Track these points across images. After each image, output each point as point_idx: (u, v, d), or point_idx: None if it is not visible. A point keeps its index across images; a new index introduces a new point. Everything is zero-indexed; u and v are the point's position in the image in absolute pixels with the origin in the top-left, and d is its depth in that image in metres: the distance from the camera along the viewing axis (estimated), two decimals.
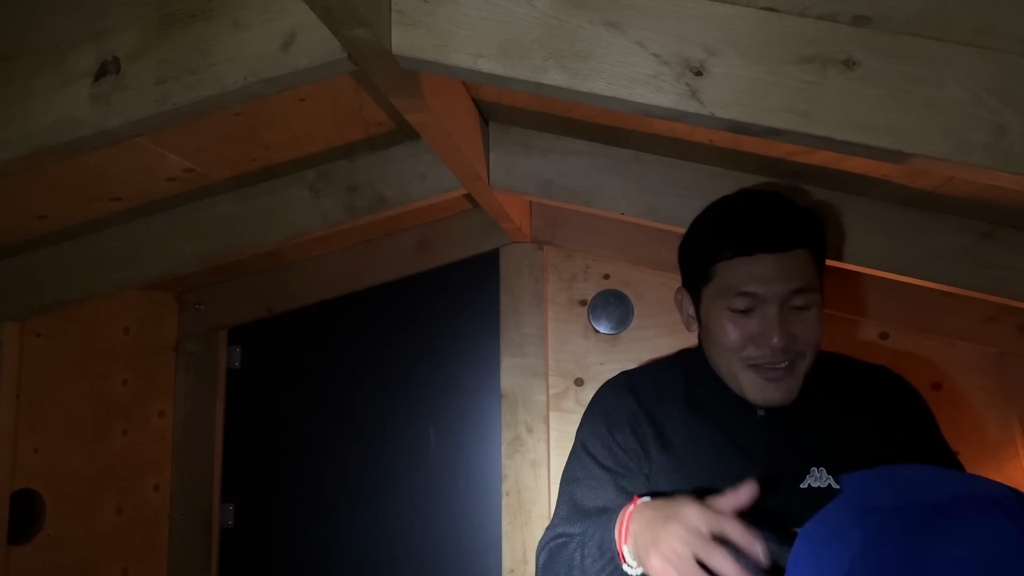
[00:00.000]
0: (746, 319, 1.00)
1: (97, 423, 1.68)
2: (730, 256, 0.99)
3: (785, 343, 0.97)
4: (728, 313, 1.01)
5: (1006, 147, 0.69)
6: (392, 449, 1.96)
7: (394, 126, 1.28)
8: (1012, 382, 1.73)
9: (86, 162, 1.12)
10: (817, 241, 1.02)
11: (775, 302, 0.97)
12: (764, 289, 0.97)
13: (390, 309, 2.00)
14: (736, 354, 1.01)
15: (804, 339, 0.99)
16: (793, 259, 0.98)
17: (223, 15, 0.77)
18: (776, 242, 0.97)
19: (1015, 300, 1.22)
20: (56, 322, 1.56)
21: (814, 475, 1.01)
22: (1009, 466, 1.73)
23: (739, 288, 0.98)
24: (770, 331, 0.97)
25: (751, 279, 0.98)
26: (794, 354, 0.99)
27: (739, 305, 0.99)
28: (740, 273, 0.99)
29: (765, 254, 0.97)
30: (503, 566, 1.84)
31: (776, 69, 0.72)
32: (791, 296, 0.98)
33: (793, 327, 0.98)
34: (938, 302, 1.70)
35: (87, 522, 1.65)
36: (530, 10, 0.73)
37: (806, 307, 0.99)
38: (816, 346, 1.01)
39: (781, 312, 0.98)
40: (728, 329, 1.01)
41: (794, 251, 0.98)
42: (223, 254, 1.39)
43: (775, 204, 1.04)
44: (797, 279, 0.97)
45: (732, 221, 1.03)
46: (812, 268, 1.00)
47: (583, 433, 1.15)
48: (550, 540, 1.07)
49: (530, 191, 1.38)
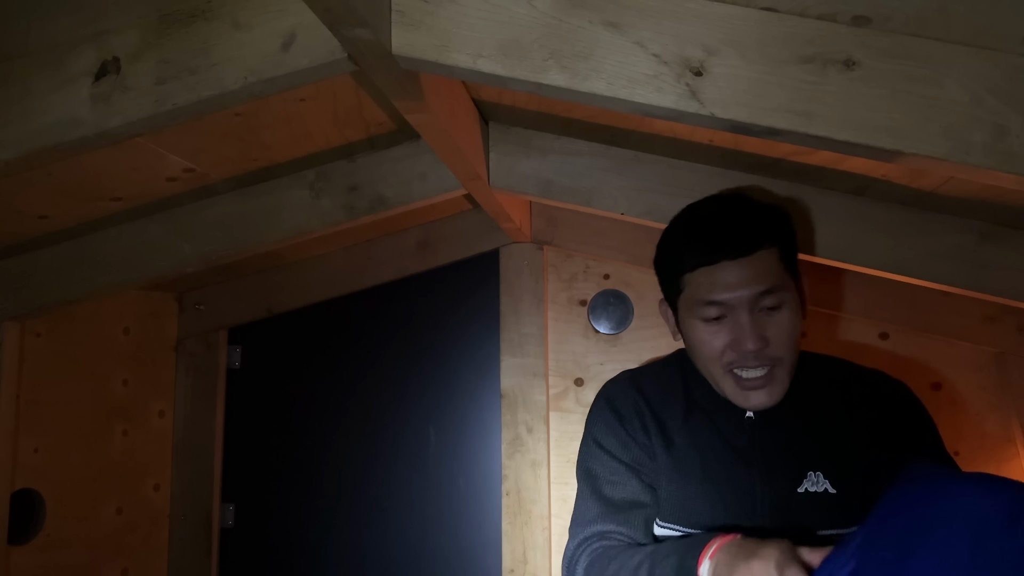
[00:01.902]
0: (719, 327, 1.00)
1: (97, 423, 1.68)
2: (693, 267, 1.00)
3: (759, 346, 0.97)
4: (701, 323, 1.01)
5: (1006, 147, 0.69)
6: (392, 449, 1.96)
7: (394, 126, 1.28)
8: (1012, 382, 1.73)
9: (86, 162, 1.12)
10: (782, 239, 1.01)
11: (744, 307, 0.98)
12: (731, 296, 0.98)
13: (390, 309, 2.00)
14: (717, 361, 1.02)
15: (778, 340, 0.99)
16: (756, 262, 0.97)
17: (223, 15, 0.77)
18: (736, 248, 0.97)
19: (1015, 300, 1.22)
20: (56, 322, 1.56)
21: (811, 479, 1.01)
22: (1009, 466, 1.73)
23: (706, 298, 0.99)
24: (743, 336, 0.98)
25: (716, 287, 0.98)
26: (770, 359, 0.99)
27: (709, 314, 1.00)
28: (706, 283, 0.99)
29: (727, 261, 0.97)
30: (503, 566, 1.84)
31: (776, 69, 0.72)
32: (759, 299, 0.98)
33: (767, 329, 0.98)
34: (938, 302, 1.70)
35: (87, 522, 1.65)
36: (530, 10, 0.73)
37: (777, 307, 0.99)
38: (793, 345, 1.00)
39: (752, 315, 0.98)
40: (703, 339, 1.02)
41: (755, 253, 0.97)
42: (223, 254, 1.39)
43: (734, 208, 1.03)
44: (762, 281, 0.97)
45: (693, 232, 1.03)
46: (779, 267, 0.99)
47: (596, 430, 1.13)
48: (591, 540, 1.04)
49: (530, 191, 1.38)
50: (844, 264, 1.25)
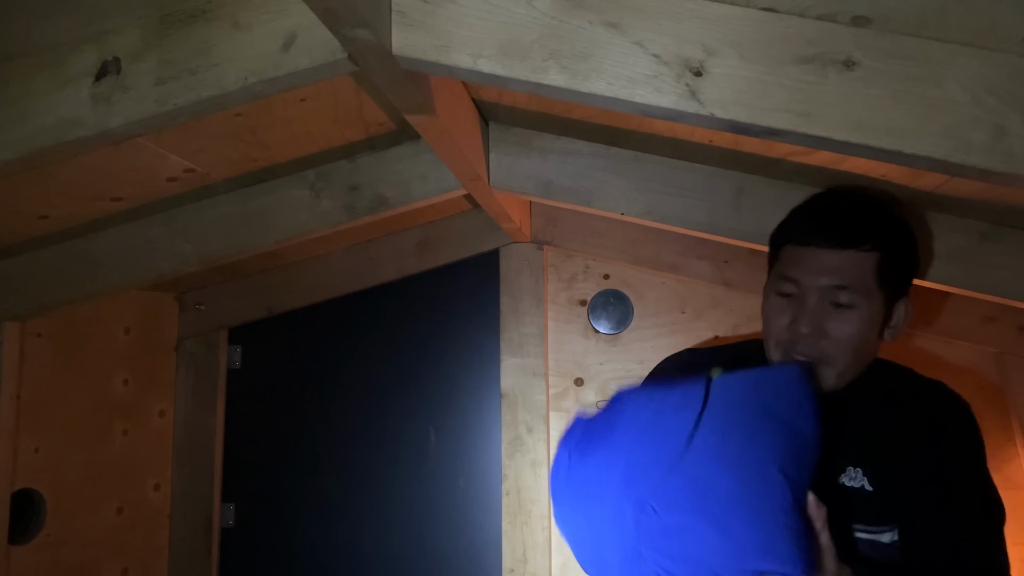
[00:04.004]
0: (787, 304, 1.02)
1: (97, 423, 1.68)
2: (790, 241, 1.04)
3: (811, 332, 0.98)
4: (774, 296, 1.04)
5: (1006, 147, 0.69)
6: (392, 449, 1.96)
7: (394, 126, 1.28)
8: (1012, 382, 1.73)
9: (86, 162, 1.12)
10: (886, 249, 1.00)
11: (815, 293, 0.99)
12: (806, 278, 1.00)
13: (390, 309, 2.00)
14: (775, 338, 1.04)
15: (836, 338, 0.99)
16: (844, 257, 0.98)
17: (223, 15, 0.77)
18: (831, 238, 0.99)
19: (1015, 300, 1.22)
20: (56, 322, 1.56)
21: (849, 474, 1.02)
22: (1009, 466, 1.73)
23: (786, 273, 1.02)
24: (801, 317, 1.00)
25: (798, 267, 1.01)
26: (820, 353, 0.99)
27: (784, 288, 1.03)
28: (792, 259, 1.03)
29: (817, 248, 1.00)
30: (503, 566, 1.84)
31: (776, 69, 0.72)
32: (832, 292, 0.98)
33: (828, 323, 0.99)
34: (938, 302, 1.70)
35: (87, 522, 1.65)
36: (530, 10, 0.73)
37: (848, 306, 0.99)
38: (851, 349, 1.00)
39: (821, 305, 0.99)
40: (771, 312, 1.04)
41: (847, 250, 0.98)
42: (223, 254, 1.39)
43: (855, 204, 1.05)
44: (841, 277, 0.98)
45: (806, 211, 1.06)
46: (867, 272, 0.99)
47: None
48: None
49: (530, 191, 1.38)
50: None
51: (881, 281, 1.00)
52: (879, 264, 0.99)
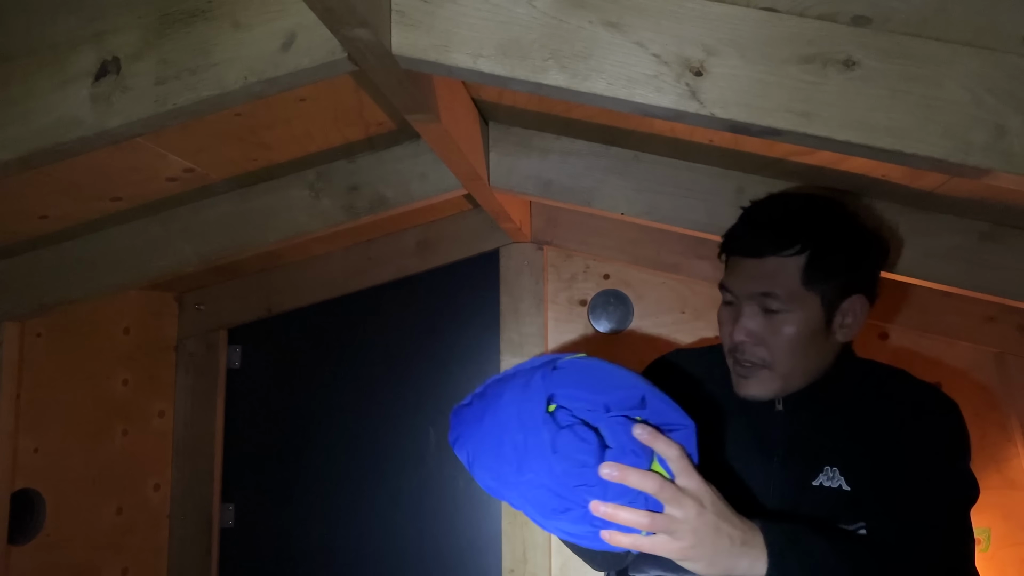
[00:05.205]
0: (730, 311, 1.05)
1: (97, 423, 1.68)
2: (724, 252, 1.08)
3: (741, 338, 1.01)
4: (721, 305, 1.08)
5: (1006, 147, 0.69)
6: (392, 449, 1.96)
7: (394, 126, 1.28)
8: (1012, 382, 1.73)
9: (86, 162, 1.12)
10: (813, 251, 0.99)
11: (746, 301, 1.02)
12: (736, 287, 1.03)
13: (390, 309, 2.00)
14: (724, 347, 1.07)
15: (773, 343, 1.00)
16: (762, 265, 0.99)
17: (223, 15, 0.77)
18: (748, 248, 1.02)
19: (1015, 300, 1.22)
20: (56, 322, 1.56)
21: (827, 473, 1.01)
22: (1009, 466, 1.73)
23: (723, 282, 1.06)
24: (731, 324, 1.03)
25: (729, 277, 1.05)
26: (757, 358, 1.01)
27: (725, 298, 1.06)
28: (727, 269, 1.07)
29: (741, 257, 1.03)
30: (503, 566, 1.84)
31: (776, 69, 0.72)
32: (760, 299, 1.00)
33: (763, 329, 1.00)
34: (938, 302, 1.70)
35: (87, 522, 1.65)
36: (530, 10, 0.73)
37: (777, 312, 1.00)
38: (788, 352, 1.00)
39: (753, 311, 1.01)
40: (719, 319, 1.08)
41: (766, 258, 0.99)
42: (223, 254, 1.39)
43: (780, 210, 1.04)
44: (764, 284, 0.99)
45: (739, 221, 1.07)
46: (792, 276, 0.98)
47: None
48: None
49: (530, 191, 1.38)
50: None
51: (810, 283, 0.99)
52: (806, 267, 0.98)
